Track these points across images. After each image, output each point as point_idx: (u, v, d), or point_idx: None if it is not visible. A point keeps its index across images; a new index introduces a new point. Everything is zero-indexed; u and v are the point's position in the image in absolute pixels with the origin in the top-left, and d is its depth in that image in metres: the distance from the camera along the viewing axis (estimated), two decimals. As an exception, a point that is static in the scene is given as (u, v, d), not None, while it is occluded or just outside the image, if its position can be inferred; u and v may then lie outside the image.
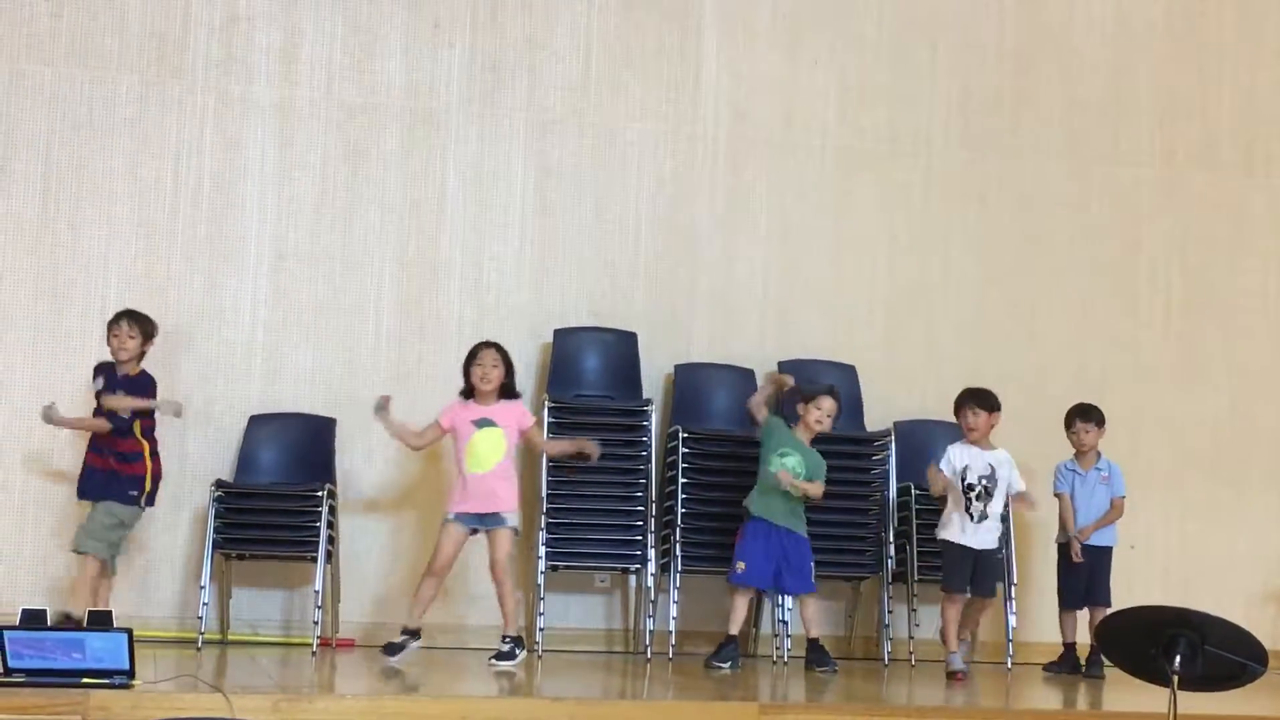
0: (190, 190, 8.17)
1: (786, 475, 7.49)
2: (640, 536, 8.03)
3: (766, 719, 5.90)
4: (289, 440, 8.09)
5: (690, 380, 8.48)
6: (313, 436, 8.08)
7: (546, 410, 7.99)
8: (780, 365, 8.51)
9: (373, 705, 5.69)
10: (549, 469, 7.87)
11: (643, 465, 8.08)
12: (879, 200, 8.95)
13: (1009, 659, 8.18)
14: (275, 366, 8.19)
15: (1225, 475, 9.14)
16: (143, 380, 7.41)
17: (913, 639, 8.20)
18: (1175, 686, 4.75)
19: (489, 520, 7.23)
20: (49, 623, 5.96)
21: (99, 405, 7.34)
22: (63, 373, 7.81)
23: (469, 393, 7.33)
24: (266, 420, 8.10)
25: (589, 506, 8.01)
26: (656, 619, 8.02)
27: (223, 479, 7.83)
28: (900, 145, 8.99)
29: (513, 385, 7.38)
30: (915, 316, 8.94)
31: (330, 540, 7.71)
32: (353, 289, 8.33)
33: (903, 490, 8.29)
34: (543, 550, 7.83)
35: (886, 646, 8.20)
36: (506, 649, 7.15)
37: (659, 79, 8.73)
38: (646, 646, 8.00)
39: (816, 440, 7.72)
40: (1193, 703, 4.93)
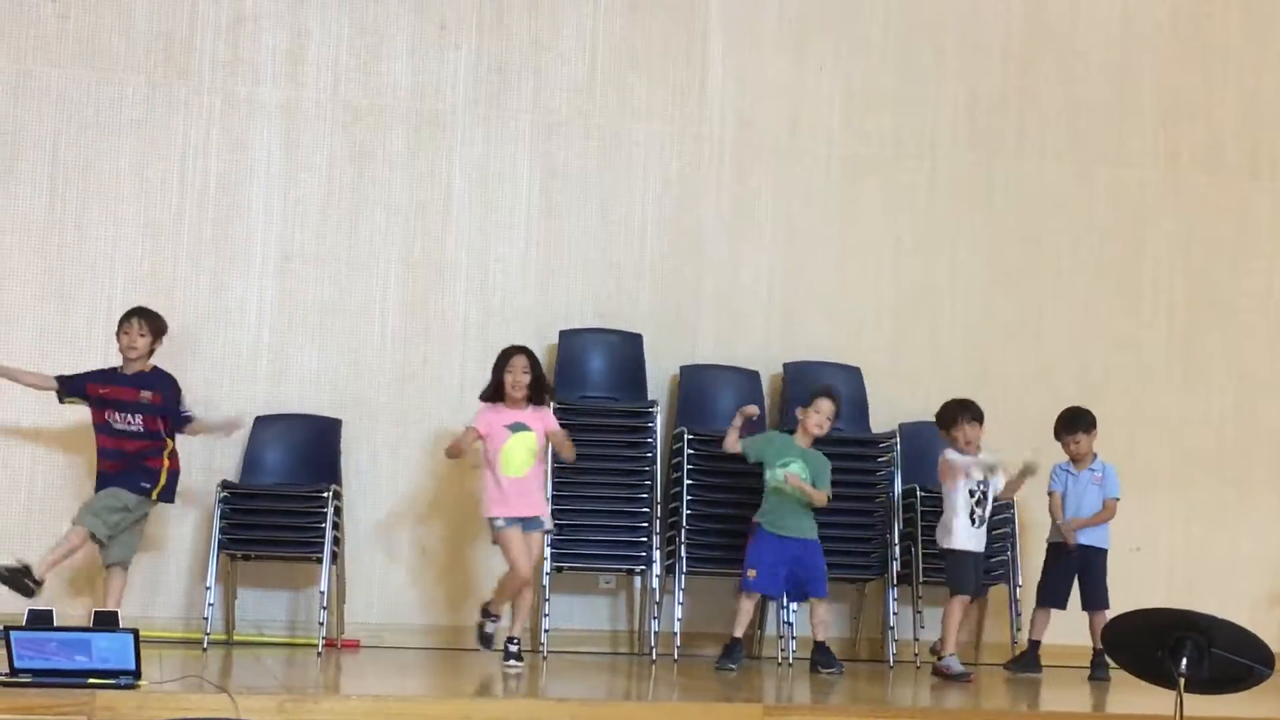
0: (196, 191, 8.18)
1: (795, 477, 7.50)
2: (645, 538, 8.03)
3: (771, 720, 5.92)
4: (294, 441, 8.10)
5: (696, 382, 8.49)
6: (318, 437, 8.10)
7: (551, 411, 7.97)
8: (785, 367, 8.53)
9: (377, 706, 5.68)
10: (554, 470, 7.86)
11: (648, 467, 8.08)
12: (884, 202, 8.94)
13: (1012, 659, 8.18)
14: (281, 367, 8.20)
15: (1229, 477, 9.14)
16: (167, 379, 7.43)
17: (918, 641, 8.21)
18: (1181, 689, 4.76)
19: (530, 524, 7.25)
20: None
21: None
22: (68, 372, 7.78)
23: (495, 396, 7.33)
24: (272, 421, 8.11)
25: (594, 508, 8.01)
26: (661, 620, 8.03)
27: (228, 479, 7.84)
28: (905, 148, 8.99)
29: (541, 390, 7.36)
30: (920, 318, 8.94)
31: (335, 541, 7.72)
32: (358, 290, 8.33)
33: (908, 492, 8.29)
34: (548, 551, 7.81)
35: (891, 648, 8.20)
36: (515, 649, 7.15)
37: (665, 81, 8.73)
38: (651, 648, 8.01)
39: (821, 443, 7.72)
40: (1199, 705, 4.91)
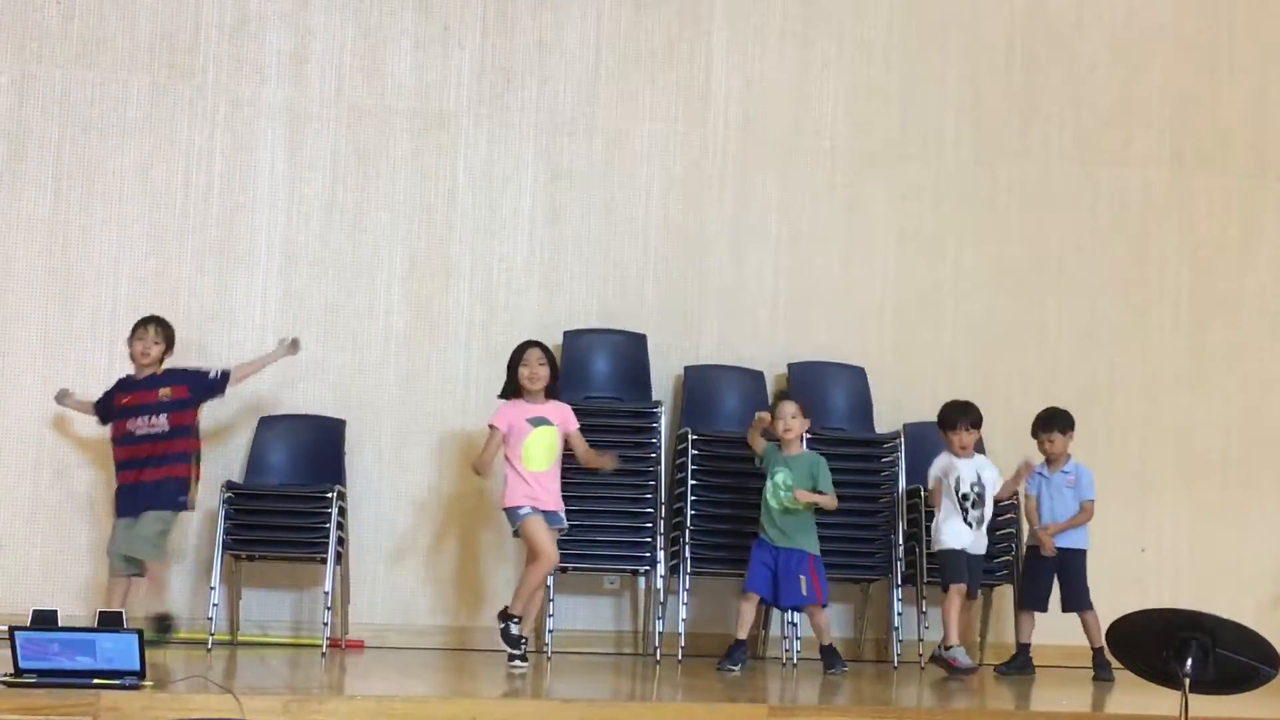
0: (201, 192, 8.18)
1: (804, 494, 7.48)
2: (650, 538, 8.03)
3: (775, 721, 5.91)
4: (299, 441, 8.10)
5: (700, 382, 8.48)
6: (322, 438, 8.10)
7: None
8: (790, 367, 8.53)
9: (382, 706, 5.67)
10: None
11: (652, 467, 8.08)
12: (888, 202, 8.94)
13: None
14: (285, 368, 8.16)
15: (1235, 478, 9.13)
16: (178, 370, 7.49)
17: (922, 641, 8.20)
18: (1187, 690, 4.76)
19: (550, 518, 7.23)
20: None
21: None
22: (73, 374, 7.80)
23: (513, 393, 7.31)
24: (276, 421, 8.12)
25: (599, 508, 7.98)
26: (666, 621, 8.03)
27: (233, 480, 7.85)
28: (910, 148, 8.98)
29: (556, 385, 7.36)
30: (925, 319, 8.93)
31: (339, 541, 7.72)
32: (362, 291, 8.33)
33: (912, 492, 8.27)
34: (552, 552, 7.82)
35: (896, 649, 8.20)
36: (516, 632, 7.10)
37: (669, 81, 8.73)
38: (656, 648, 8.01)
39: (826, 444, 7.70)
40: (1204, 706, 4.91)
